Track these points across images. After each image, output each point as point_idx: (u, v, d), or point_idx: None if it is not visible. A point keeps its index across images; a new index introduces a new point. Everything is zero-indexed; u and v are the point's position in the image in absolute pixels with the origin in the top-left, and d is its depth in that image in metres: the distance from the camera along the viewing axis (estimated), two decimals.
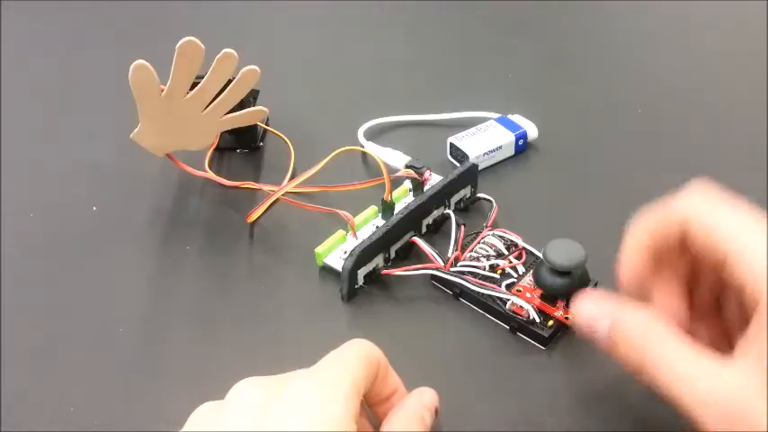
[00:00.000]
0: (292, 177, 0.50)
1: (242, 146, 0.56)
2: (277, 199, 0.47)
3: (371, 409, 0.33)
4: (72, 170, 0.55)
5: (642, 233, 0.32)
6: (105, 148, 0.56)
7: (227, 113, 0.48)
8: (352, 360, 0.30)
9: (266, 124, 0.58)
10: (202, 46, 0.43)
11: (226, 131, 0.54)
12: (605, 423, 0.35)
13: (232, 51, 0.44)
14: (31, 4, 0.82)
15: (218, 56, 0.44)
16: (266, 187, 0.48)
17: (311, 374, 0.29)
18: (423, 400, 0.32)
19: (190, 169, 0.49)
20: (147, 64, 0.43)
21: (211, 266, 0.46)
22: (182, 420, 0.29)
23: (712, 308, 0.33)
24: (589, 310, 0.31)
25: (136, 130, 0.46)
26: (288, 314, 0.42)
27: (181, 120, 0.46)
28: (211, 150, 0.52)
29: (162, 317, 0.42)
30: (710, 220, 0.29)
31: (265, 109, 0.49)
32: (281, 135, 0.55)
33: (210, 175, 0.50)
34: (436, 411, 0.33)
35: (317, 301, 0.43)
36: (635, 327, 0.29)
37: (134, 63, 0.42)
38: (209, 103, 0.47)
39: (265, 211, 0.48)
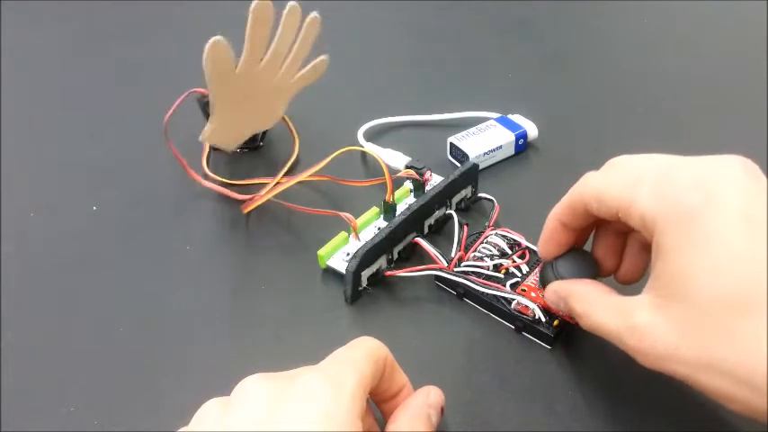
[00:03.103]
0: (292, 168, 0.50)
1: (243, 146, 0.56)
2: (279, 196, 0.47)
3: (378, 407, 0.33)
4: (72, 170, 0.55)
5: (554, 220, 0.37)
6: (105, 148, 0.56)
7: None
8: (360, 358, 0.30)
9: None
10: (272, 7, 0.42)
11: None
12: (612, 422, 0.35)
13: (296, 4, 0.43)
14: (31, 5, 0.82)
15: (284, 11, 0.43)
16: (266, 182, 0.48)
17: (318, 372, 0.28)
18: (429, 399, 0.33)
19: (204, 182, 0.49)
20: (224, 40, 0.41)
21: (212, 267, 0.46)
22: (182, 420, 0.29)
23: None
24: (550, 298, 0.37)
25: (206, 127, 0.45)
26: (291, 316, 0.42)
27: (255, 94, 0.46)
28: (205, 155, 0.51)
29: (162, 317, 0.42)
30: (597, 186, 0.34)
31: (325, 57, 0.48)
32: (290, 125, 0.55)
33: (220, 188, 0.50)
34: (442, 410, 0.33)
35: (321, 303, 0.43)
36: (572, 297, 0.35)
37: (211, 41, 0.41)
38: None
39: (266, 204, 0.48)
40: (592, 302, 0.34)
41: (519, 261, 0.42)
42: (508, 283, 0.41)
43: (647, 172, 0.31)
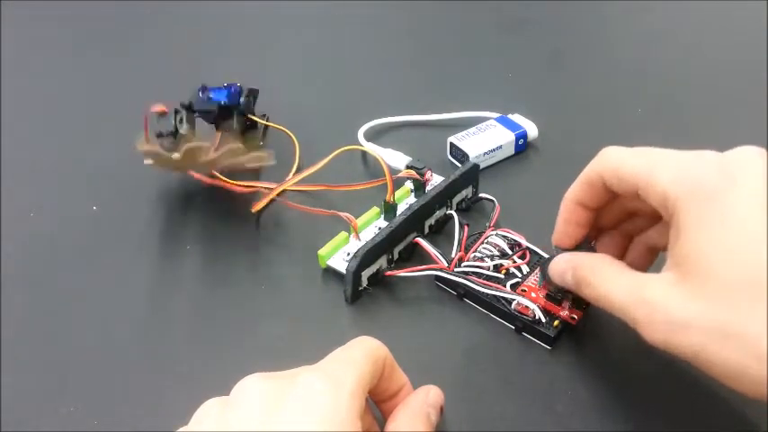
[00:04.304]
0: (297, 171, 0.50)
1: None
2: (280, 195, 0.48)
3: (377, 406, 0.33)
4: (72, 170, 0.55)
5: (570, 200, 0.37)
6: (106, 148, 0.56)
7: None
8: (359, 357, 0.30)
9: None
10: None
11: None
12: (612, 422, 0.35)
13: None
14: (32, 4, 0.82)
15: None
16: (268, 186, 0.48)
17: (317, 371, 0.28)
18: (428, 398, 0.33)
19: (196, 174, 0.49)
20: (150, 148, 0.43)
21: (212, 267, 0.46)
22: (182, 420, 0.29)
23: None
24: (558, 266, 0.37)
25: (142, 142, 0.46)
26: (290, 315, 0.42)
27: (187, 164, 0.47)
28: None
29: (162, 317, 0.42)
30: (617, 161, 0.34)
31: (271, 160, 0.49)
32: (286, 130, 0.55)
33: (217, 180, 0.49)
34: (441, 409, 0.33)
35: (321, 303, 0.42)
36: (584, 267, 0.35)
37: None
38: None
39: (267, 205, 0.48)
40: (602, 272, 0.33)
41: (519, 261, 0.42)
42: (508, 284, 0.41)
43: (670, 155, 0.32)
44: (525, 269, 0.42)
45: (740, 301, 0.27)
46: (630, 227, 0.37)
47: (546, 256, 0.39)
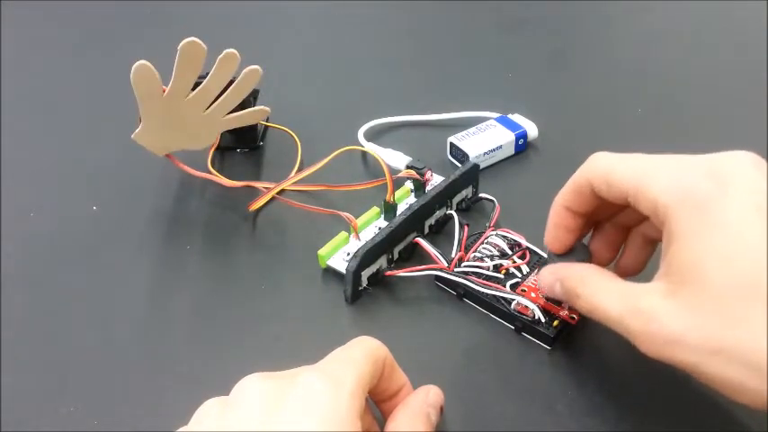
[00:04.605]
0: (300, 170, 0.50)
1: (242, 145, 0.56)
2: (280, 194, 0.48)
3: (377, 406, 0.33)
4: (72, 170, 0.55)
5: (559, 205, 0.36)
6: (106, 148, 0.56)
7: (229, 113, 0.48)
8: (359, 357, 0.30)
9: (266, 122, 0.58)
10: (204, 46, 0.42)
11: (226, 131, 0.54)
12: (611, 422, 0.35)
13: (234, 51, 0.44)
14: (32, 4, 0.82)
15: (220, 56, 0.44)
16: (267, 186, 0.48)
17: (317, 371, 0.28)
18: (428, 398, 0.33)
19: (190, 169, 0.49)
20: (149, 64, 0.42)
21: (212, 267, 0.46)
22: (182, 420, 0.29)
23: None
24: (546, 278, 0.36)
25: (137, 129, 0.46)
26: (290, 315, 0.42)
27: (182, 120, 0.46)
28: (213, 150, 0.51)
29: (162, 317, 0.42)
30: (606, 168, 0.33)
31: (267, 108, 0.49)
32: (287, 129, 0.55)
33: (212, 175, 0.49)
34: (441, 409, 0.33)
35: (320, 303, 0.42)
36: (573, 278, 0.34)
37: (136, 63, 0.42)
38: (211, 103, 0.46)
39: (266, 204, 0.48)
40: (593, 284, 0.33)
41: (519, 261, 0.42)
42: (508, 284, 0.41)
43: (661, 162, 0.31)
44: (525, 269, 0.42)
45: (736, 310, 0.27)
46: (625, 219, 0.37)
47: (546, 256, 0.39)
